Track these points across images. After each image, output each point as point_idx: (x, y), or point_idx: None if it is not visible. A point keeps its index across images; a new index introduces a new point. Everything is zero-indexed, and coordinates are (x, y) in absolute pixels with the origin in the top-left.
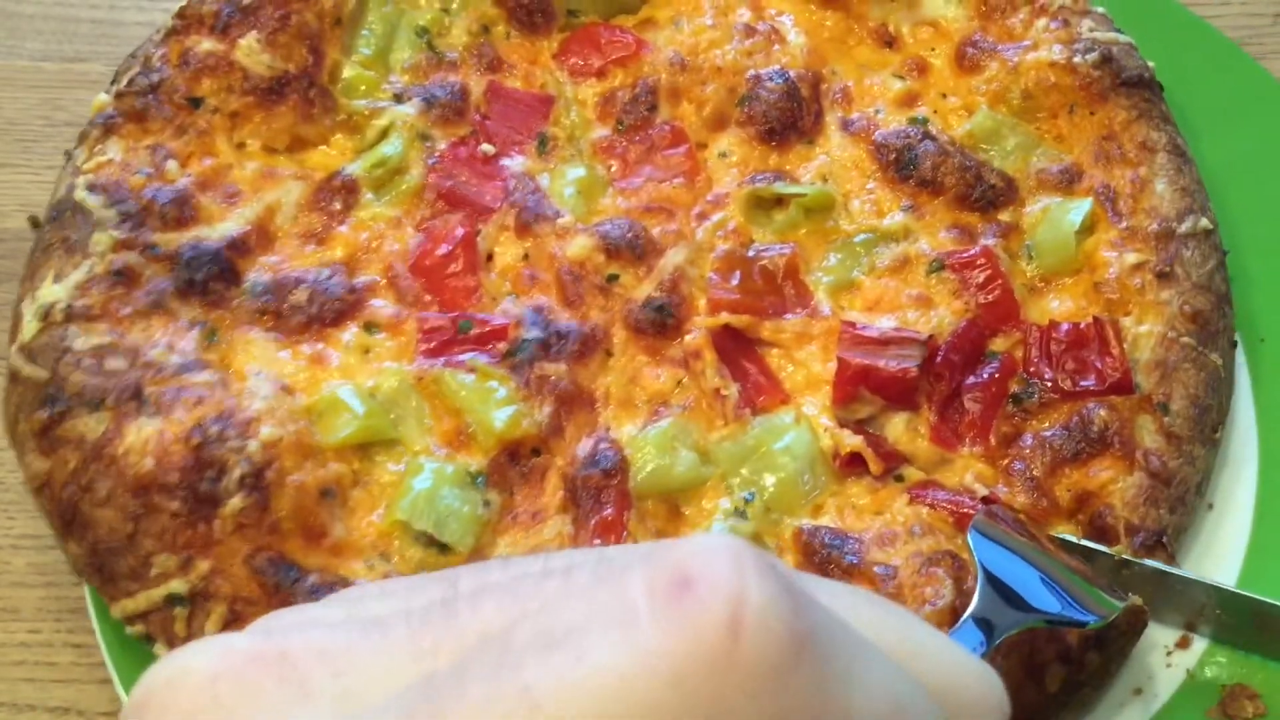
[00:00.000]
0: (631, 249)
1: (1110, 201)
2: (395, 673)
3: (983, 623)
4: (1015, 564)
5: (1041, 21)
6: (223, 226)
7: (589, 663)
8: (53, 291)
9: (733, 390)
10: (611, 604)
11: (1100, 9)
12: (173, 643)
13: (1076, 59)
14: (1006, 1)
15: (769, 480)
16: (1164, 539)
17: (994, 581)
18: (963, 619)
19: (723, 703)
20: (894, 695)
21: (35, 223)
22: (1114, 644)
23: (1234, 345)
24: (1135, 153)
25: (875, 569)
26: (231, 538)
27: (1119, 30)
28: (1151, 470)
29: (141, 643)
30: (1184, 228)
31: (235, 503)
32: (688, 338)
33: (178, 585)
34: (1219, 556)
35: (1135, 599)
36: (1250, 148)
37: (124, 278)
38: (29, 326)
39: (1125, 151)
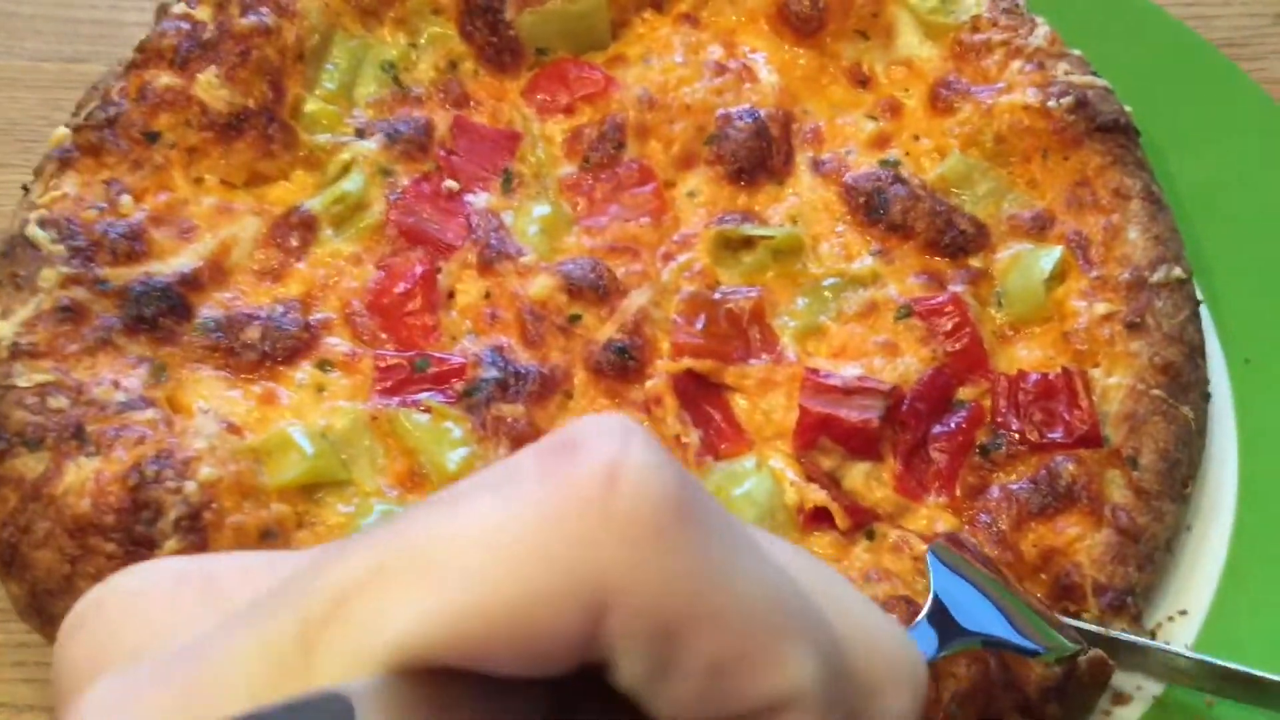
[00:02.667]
0: (594, 289)
1: (1082, 249)
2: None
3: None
4: (967, 589)
5: (1017, 64)
6: (176, 262)
7: (469, 513)
8: (0, 327)
9: (694, 437)
10: (499, 471)
11: (1078, 52)
12: None
13: (1050, 103)
14: (982, 43)
15: None
16: (1131, 598)
17: (943, 601)
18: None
19: (598, 547)
20: (779, 588)
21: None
22: (1075, 696)
23: (1207, 397)
24: (1108, 199)
25: None
26: None
27: (1095, 74)
28: (1120, 527)
29: None
30: (1156, 277)
31: (171, 545)
32: (649, 383)
33: None
34: (1198, 580)
35: (1096, 651)
36: (1236, 160)
37: (71, 314)
38: None
39: (1098, 198)
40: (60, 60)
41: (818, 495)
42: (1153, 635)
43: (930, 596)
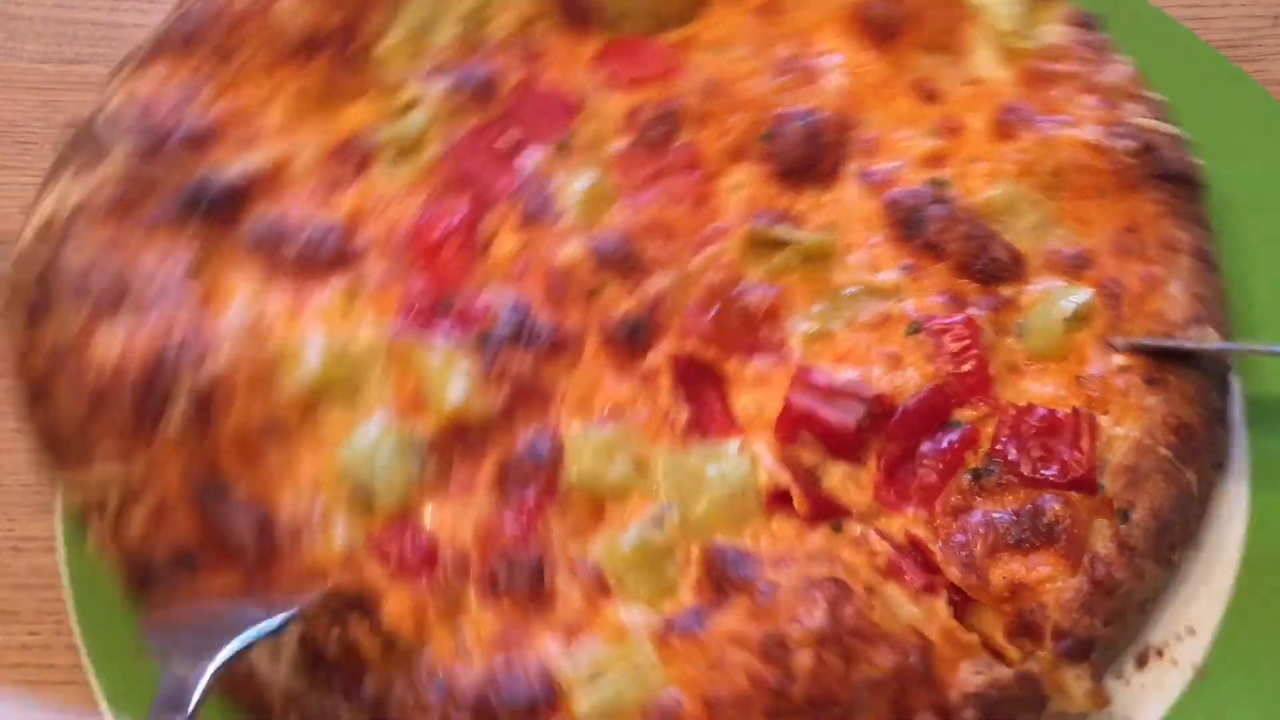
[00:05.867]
0: (621, 264)
1: (1114, 296)
2: None
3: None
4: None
5: (1087, 98)
6: (239, 164)
7: None
8: (68, 189)
9: (682, 415)
10: None
11: (1158, 95)
12: (100, 529)
13: (1113, 143)
14: (1055, 72)
15: (698, 500)
16: (1092, 652)
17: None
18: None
19: None
20: None
21: (74, 125)
22: (1001, 710)
23: (1217, 466)
24: (1156, 250)
25: (759, 584)
26: (170, 450)
27: (1169, 121)
28: (1095, 577)
29: (79, 523)
30: (1190, 335)
31: (177, 420)
32: (649, 355)
33: (113, 479)
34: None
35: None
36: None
37: (134, 192)
38: (40, 214)
39: (1145, 247)
40: (59, 62)
41: (782, 476)
42: (1159, 654)
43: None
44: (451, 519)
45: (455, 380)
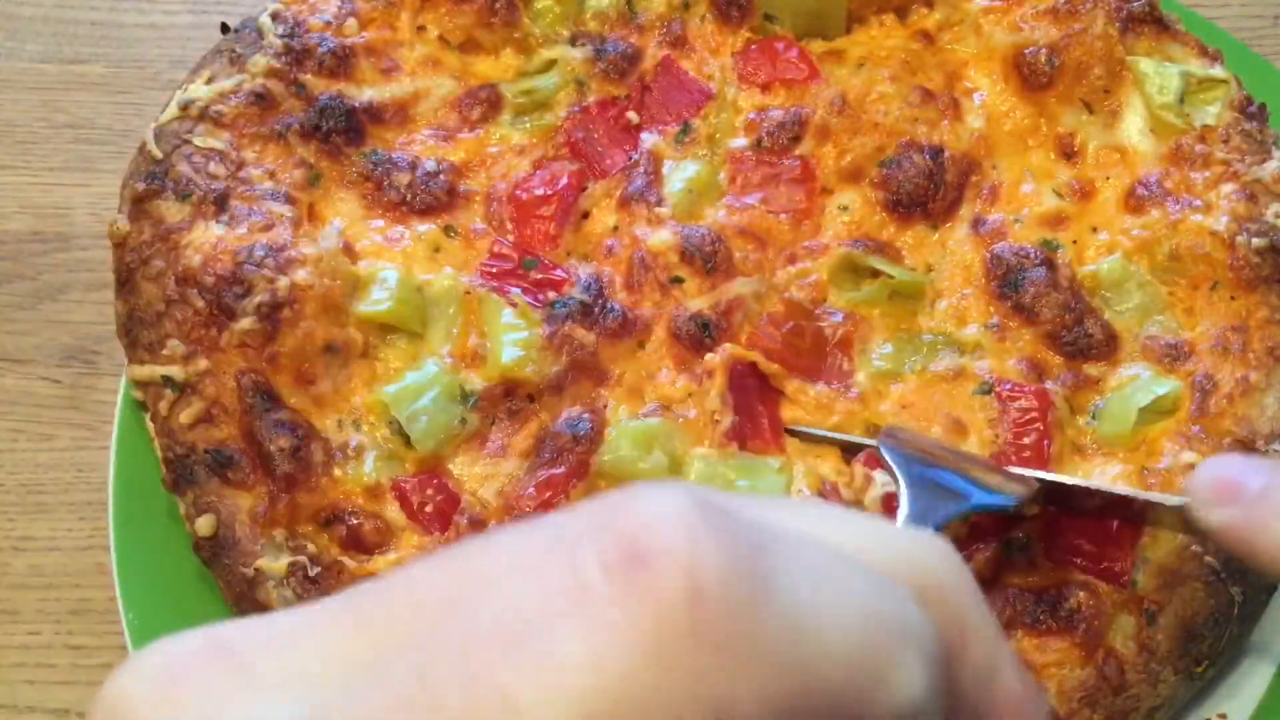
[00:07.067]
0: (707, 261)
1: (1203, 394)
2: (340, 644)
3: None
4: (925, 468)
5: (1228, 186)
6: (369, 91)
7: (560, 659)
8: (200, 90)
9: (726, 420)
10: (567, 584)
11: None
12: (155, 419)
13: (1240, 237)
14: (1203, 155)
15: None
16: None
17: (911, 485)
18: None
19: (698, 667)
20: (864, 608)
21: (225, 28)
22: None
23: (1270, 590)
24: (1259, 355)
25: None
26: (233, 351)
27: None
28: (1105, 673)
29: (138, 409)
30: (1272, 449)
31: (246, 323)
32: (708, 356)
33: (176, 372)
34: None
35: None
36: None
37: (263, 101)
38: (169, 111)
39: (1248, 349)
40: (60, 62)
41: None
42: None
43: (902, 485)
44: (479, 477)
45: (518, 339)
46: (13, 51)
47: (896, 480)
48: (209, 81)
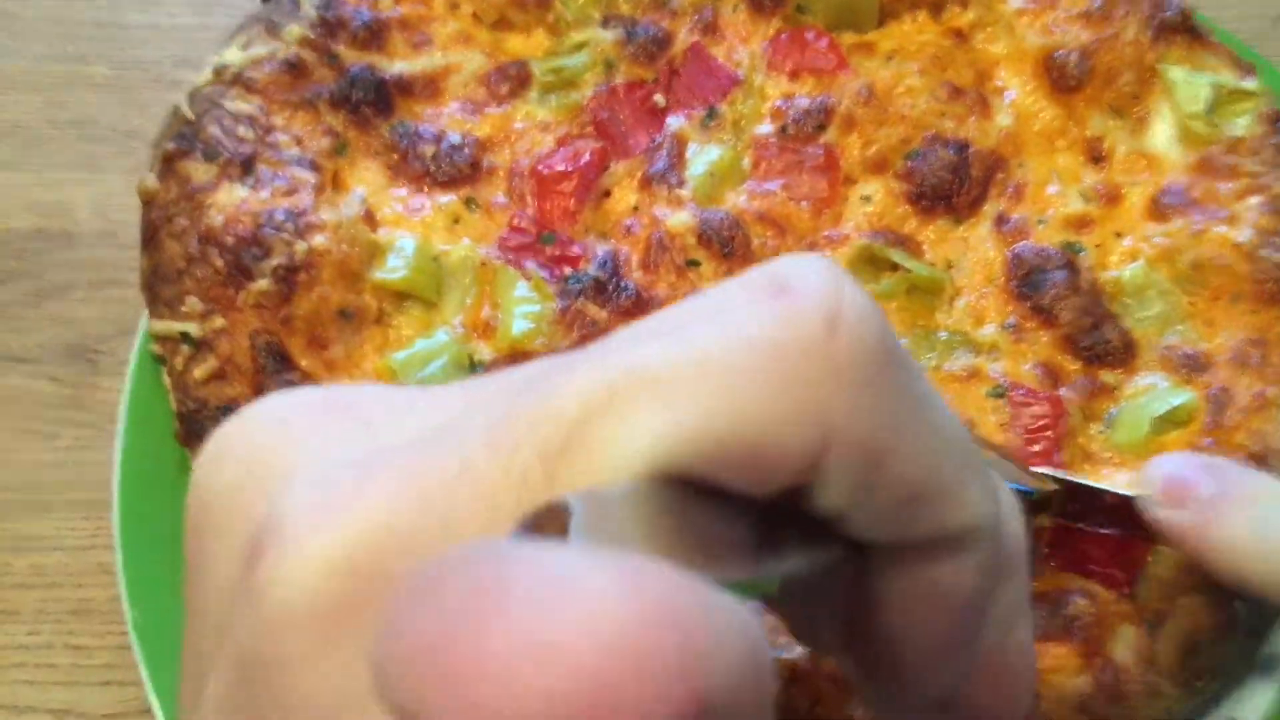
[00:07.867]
0: (723, 245)
1: (1218, 407)
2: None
3: None
4: None
5: (1254, 199)
6: (400, 64)
7: (688, 339)
8: (234, 55)
9: None
10: (706, 304)
11: None
12: (171, 373)
13: (1263, 251)
14: (1230, 166)
15: None
16: None
17: None
18: None
19: (822, 388)
20: (962, 437)
21: None
22: None
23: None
24: (1277, 370)
25: None
26: (249, 311)
27: None
28: (1102, 682)
29: (156, 361)
30: None
31: (262, 284)
32: None
33: (193, 328)
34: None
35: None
36: None
37: (295, 70)
38: (203, 75)
39: (1267, 363)
40: (63, 62)
41: None
42: None
43: None
44: None
45: (529, 312)
46: (16, 51)
47: None
48: (245, 48)
